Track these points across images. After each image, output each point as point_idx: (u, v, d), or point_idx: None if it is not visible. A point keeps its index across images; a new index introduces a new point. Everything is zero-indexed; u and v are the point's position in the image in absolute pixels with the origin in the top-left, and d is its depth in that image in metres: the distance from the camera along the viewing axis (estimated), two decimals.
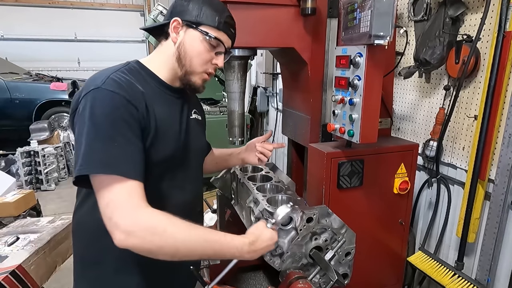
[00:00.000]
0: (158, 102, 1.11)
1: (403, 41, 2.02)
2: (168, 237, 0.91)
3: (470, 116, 1.80)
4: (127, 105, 0.98)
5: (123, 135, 0.95)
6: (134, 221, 0.90)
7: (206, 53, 1.12)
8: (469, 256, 1.86)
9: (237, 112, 1.64)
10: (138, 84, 1.06)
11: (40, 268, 2.29)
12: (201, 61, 1.13)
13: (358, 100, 1.44)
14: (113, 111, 0.96)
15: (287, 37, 1.58)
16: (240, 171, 1.78)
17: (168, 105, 1.16)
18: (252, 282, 1.87)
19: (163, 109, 1.12)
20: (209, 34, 1.10)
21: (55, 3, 8.28)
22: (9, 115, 6.02)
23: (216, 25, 1.11)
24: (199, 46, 1.11)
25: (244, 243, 1.07)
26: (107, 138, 0.93)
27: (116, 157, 0.93)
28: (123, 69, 1.09)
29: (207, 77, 1.18)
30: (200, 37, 1.11)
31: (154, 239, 0.90)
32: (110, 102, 0.96)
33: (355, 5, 1.39)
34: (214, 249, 1.00)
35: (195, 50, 1.11)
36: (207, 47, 1.12)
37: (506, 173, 1.58)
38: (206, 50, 1.12)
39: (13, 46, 8.02)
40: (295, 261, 1.32)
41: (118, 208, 0.90)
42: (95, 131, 0.94)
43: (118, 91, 0.98)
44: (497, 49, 1.54)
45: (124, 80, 1.03)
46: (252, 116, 5.01)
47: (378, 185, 1.75)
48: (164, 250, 0.92)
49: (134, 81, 1.06)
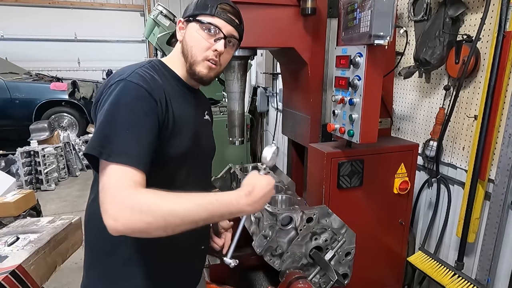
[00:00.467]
0: (177, 99, 1.15)
1: (403, 41, 2.02)
2: (154, 211, 0.91)
3: (470, 116, 1.80)
4: (148, 98, 1.02)
5: (137, 124, 0.98)
6: (120, 203, 0.90)
7: (204, 41, 1.15)
8: (469, 256, 1.86)
9: (237, 112, 1.64)
10: (160, 80, 1.11)
11: (40, 268, 2.29)
12: (200, 48, 1.15)
13: (358, 100, 1.44)
14: (133, 101, 1.00)
15: (287, 37, 1.58)
16: (240, 171, 1.78)
17: (185, 103, 1.20)
18: (252, 282, 1.87)
19: (181, 106, 1.16)
20: (201, 20, 1.14)
21: (55, 3, 8.28)
22: (9, 115, 6.03)
23: (209, 11, 1.15)
24: (196, 35, 1.15)
25: (240, 196, 1.03)
26: (121, 125, 0.97)
27: (122, 143, 0.95)
28: (147, 66, 1.15)
29: (211, 64, 1.18)
30: (196, 27, 1.15)
31: (142, 217, 0.90)
32: (132, 93, 1.01)
33: (355, 5, 1.39)
34: (208, 210, 0.97)
35: (193, 39, 1.16)
36: (204, 35, 1.15)
37: (506, 173, 1.58)
38: (204, 38, 1.15)
39: (13, 46, 8.03)
40: (295, 261, 1.32)
41: (109, 192, 0.92)
42: (111, 117, 0.97)
43: (142, 84, 1.03)
44: (497, 49, 1.54)
45: (148, 75, 1.08)
46: (252, 116, 5.01)
47: (378, 185, 1.75)
48: (154, 225, 0.91)
49: (156, 76, 1.11)
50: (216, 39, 1.16)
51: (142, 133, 0.99)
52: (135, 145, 0.97)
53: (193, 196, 0.97)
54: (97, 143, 0.95)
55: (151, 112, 1.02)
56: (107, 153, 0.93)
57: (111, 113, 0.98)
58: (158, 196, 0.93)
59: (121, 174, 0.93)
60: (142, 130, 0.99)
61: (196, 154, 1.22)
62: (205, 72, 1.18)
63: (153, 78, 1.09)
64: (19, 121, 6.00)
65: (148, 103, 1.02)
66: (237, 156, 4.28)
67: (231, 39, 1.20)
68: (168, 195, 0.94)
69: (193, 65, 1.17)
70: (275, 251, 1.29)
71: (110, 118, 0.97)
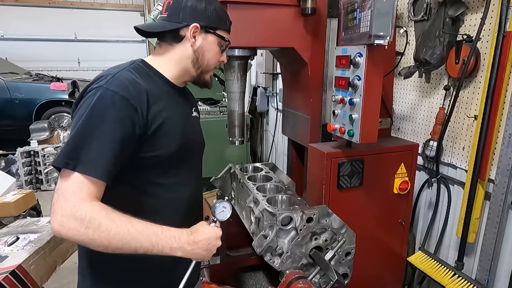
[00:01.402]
0: (164, 99, 1.15)
1: (403, 41, 2.02)
2: (101, 232, 0.93)
3: (470, 116, 1.80)
4: (124, 105, 1.01)
5: (108, 134, 0.99)
6: (72, 212, 0.93)
7: (217, 54, 1.23)
8: (469, 256, 1.86)
9: (237, 112, 1.64)
10: (142, 82, 1.10)
11: (40, 268, 2.29)
12: (216, 60, 1.24)
13: (358, 100, 1.44)
14: (107, 110, 1.00)
15: (287, 37, 1.58)
16: (240, 171, 1.78)
17: (173, 102, 1.21)
18: (252, 282, 1.87)
19: (169, 106, 1.16)
20: (226, 38, 1.22)
21: (55, 3, 8.27)
22: (9, 115, 6.02)
23: (227, 27, 1.23)
24: (216, 49, 1.22)
25: (183, 233, 1.05)
26: (89, 134, 0.98)
27: (88, 154, 0.96)
28: (129, 68, 1.14)
29: (212, 72, 1.28)
30: (216, 40, 1.21)
31: (87, 232, 0.93)
32: (107, 102, 1.00)
33: (355, 5, 1.39)
34: (151, 241, 0.99)
35: (211, 52, 1.22)
36: (218, 49, 1.23)
37: (506, 173, 1.58)
38: (220, 51, 1.23)
39: (13, 46, 8.02)
40: (295, 261, 1.32)
41: (63, 197, 0.94)
42: (82, 128, 0.98)
43: (118, 91, 1.02)
44: (497, 49, 1.54)
45: (129, 79, 1.08)
46: (252, 116, 5.00)
47: (378, 185, 1.75)
48: (96, 243, 0.94)
49: (139, 79, 1.10)
50: (222, 51, 1.25)
51: (110, 143, 0.99)
52: (101, 156, 0.97)
53: (141, 224, 0.99)
54: (65, 154, 0.97)
55: (125, 120, 1.01)
56: (73, 164, 0.95)
57: (83, 124, 0.99)
58: (110, 217, 0.96)
59: (80, 184, 0.95)
60: (112, 141, 0.99)
61: (187, 152, 1.24)
62: (209, 79, 1.27)
63: (134, 82, 1.08)
64: (19, 121, 5.99)
65: (124, 111, 1.01)
66: (237, 156, 4.28)
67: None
68: (118, 218, 0.97)
69: (205, 73, 1.24)
70: (275, 251, 1.29)
71: (81, 129, 0.98)
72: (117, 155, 1.00)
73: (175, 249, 1.03)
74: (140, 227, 0.98)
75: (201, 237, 1.07)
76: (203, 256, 1.09)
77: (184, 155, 1.22)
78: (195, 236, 1.06)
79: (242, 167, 1.85)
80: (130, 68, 1.14)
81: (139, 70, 1.15)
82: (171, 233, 1.03)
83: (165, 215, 1.19)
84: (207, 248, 1.08)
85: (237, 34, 1.43)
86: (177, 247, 1.03)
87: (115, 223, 0.95)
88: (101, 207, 0.96)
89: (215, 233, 1.12)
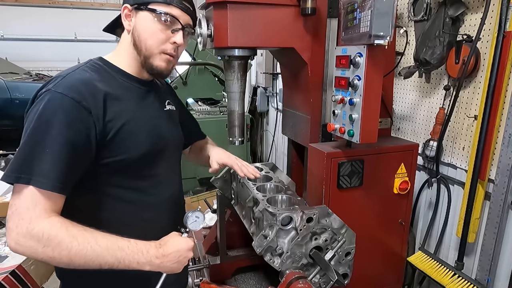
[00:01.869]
0: (126, 98, 1.08)
1: (403, 41, 2.02)
2: (61, 250, 0.88)
3: (470, 116, 1.80)
4: (75, 108, 0.94)
5: (58, 141, 0.91)
6: (28, 231, 0.87)
7: (160, 33, 1.06)
8: (469, 256, 1.86)
9: (237, 112, 1.64)
10: (99, 82, 1.03)
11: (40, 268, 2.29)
12: (156, 41, 1.07)
13: (358, 100, 1.44)
14: (55, 116, 0.92)
15: (287, 37, 1.58)
16: None
17: (138, 100, 1.13)
18: (252, 282, 1.87)
19: (132, 105, 1.09)
20: (157, 10, 1.04)
21: (55, 3, 8.27)
22: (9, 115, 6.01)
23: (164, 0, 1.05)
24: (151, 27, 1.06)
25: (151, 246, 0.99)
26: (38, 144, 0.90)
27: (38, 164, 0.89)
28: (84, 67, 1.06)
29: (169, 57, 1.11)
30: (150, 17, 1.05)
31: (46, 251, 0.88)
32: (56, 106, 0.93)
33: (355, 5, 1.39)
34: (116, 257, 0.92)
35: (147, 31, 1.06)
36: (159, 26, 1.05)
37: (506, 173, 1.58)
38: (160, 29, 1.06)
39: (13, 46, 8.01)
40: (295, 261, 1.32)
41: (17, 214, 0.88)
42: (30, 136, 0.92)
43: (67, 93, 0.95)
44: (497, 49, 1.54)
45: (82, 79, 1.00)
46: (252, 116, 5.01)
47: (378, 185, 1.75)
48: (56, 261, 0.89)
49: (95, 79, 1.03)
50: (174, 30, 1.07)
51: (62, 152, 0.91)
52: (53, 167, 0.90)
53: (106, 239, 0.93)
54: (15, 168, 0.90)
55: (77, 124, 0.94)
56: (25, 178, 0.88)
57: (31, 133, 0.92)
58: (71, 234, 0.89)
59: (34, 199, 0.88)
60: (63, 148, 0.91)
61: (161, 150, 1.17)
62: (164, 65, 1.11)
63: (88, 82, 1.00)
64: (19, 121, 5.85)
65: (74, 114, 0.94)
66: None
67: (188, 29, 1.11)
68: (81, 234, 0.90)
69: (148, 58, 1.08)
70: (275, 251, 1.29)
71: (29, 138, 0.91)
72: (70, 163, 0.93)
73: (143, 263, 0.97)
74: (105, 242, 0.92)
75: (170, 250, 1.01)
76: (173, 269, 1.02)
77: (157, 155, 1.15)
78: (164, 249, 1.00)
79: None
80: (85, 67, 1.06)
81: (96, 68, 1.08)
82: (138, 247, 0.96)
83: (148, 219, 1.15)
84: (178, 261, 1.02)
85: (237, 34, 1.43)
86: (144, 261, 0.97)
87: (77, 240, 0.89)
88: (60, 223, 0.89)
89: (186, 244, 1.05)
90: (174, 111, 1.33)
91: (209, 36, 1.47)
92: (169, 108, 1.29)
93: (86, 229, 0.93)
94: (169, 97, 1.34)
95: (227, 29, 1.41)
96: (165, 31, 1.06)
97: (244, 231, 1.60)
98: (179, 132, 1.36)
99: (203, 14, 1.53)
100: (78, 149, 0.95)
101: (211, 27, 1.45)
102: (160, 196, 1.19)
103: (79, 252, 0.89)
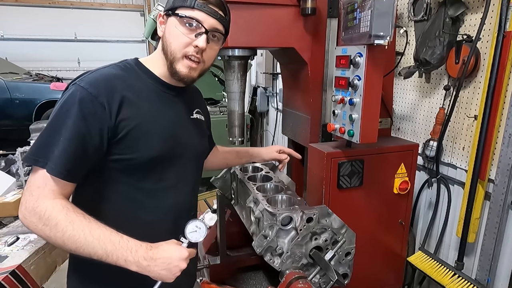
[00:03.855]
0: (149, 99, 1.10)
1: (403, 41, 2.02)
2: (57, 231, 0.93)
3: (470, 116, 1.80)
4: (91, 102, 0.99)
5: (71, 131, 0.97)
6: (34, 207, 0.94)
7: (183, 36, 1.07)
8: (469, 256, 1.86)
9: (237, 112, 1.64)
10: (123, 81, 1.06)
11: (40, 268, 2.29)
12: (180, 44, 1.07)
13: (358, 100, 1.44)
14: (73, 107, 0.98)
15: (287, 37, 1.58)
16: (240, 171, 1.78)
17: (161, 103, 1.14)
18: (252, 282, 1.87)
19: (154, 106, 1.11)
20: (180, 14, 1.06)
21: (55, 3, 8.27)
22: (9, 115, 6.02)
23: (188, 4, 1.06)
24: (175, 30, 1.07)
25: (141, 246, 0.97)
26: (55, 131, 0.98)
27: (52, 150, 0.96)
28: (115, 65, 1.11)
29: (191, 63, 1.10)
30: (176, 21, 1.07)
31: (44, 229, 0.94)
32: (76, 98, 0.99)
33: (355, 5, 1.39)
34: (105, 250, 0.94)
35: (172, 35, 1.08)
36: (183, 30, 1.07)
37: (506, 173, 1.58)
38: (183, 33, 1.07)
39: (13, 46, 8.01)
40: (295, 261, 1.32)
41: (29, 190, 0.96)
42: (51, 123, 0.99)
43: (88, 87, 1.00)
44: (497, 49, 1.54)
45: (106, 75, 1.05)
46: (252, 116, 5.01)
47: (378, 185, 1.75)
48: (52, 240, 0.95)
49: (120, 77, 1.07)
50: (197, 34, 1.07)
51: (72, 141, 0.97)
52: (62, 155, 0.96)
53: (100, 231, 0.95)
54: (34, 151, 0.98)
55: (90, 118, 0.99)
56: (41, 162, 0.96)
57: (51, 121, 0.99)
58: (69, 218, 0.94)
59: (44, 180, 0.96)
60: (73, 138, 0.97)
61: (175, 156, 1.16)
62: (185, 71, 1.10)
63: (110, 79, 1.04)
64: (19, 121, 5.98)
65: (90, 107, 0.99)
66: None
67: (215, 33, 1.10)
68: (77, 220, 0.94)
69: (173, 63, 1.10)
70: (275, 251, 1.29)
71: (49, 125, 1.00)
72: (79, 153, 0.98)
73: (130, 262, 0.95)
74: (98, 233, 0.94)
75: (160, 254, 0.98)
76: (162, 276, 0.98)
77: (169, 160, 1.15)
78: (154, 252, 0.97)
79: (242, 167, 1.85)
80: (116, 65, 1.11)
81: (127, 68, 1.12)
82: (129, 245, 0.96)
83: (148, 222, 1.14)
84: (167, 268, 0.98)
85: (237, 34, 1.43)
86: (132, 260, 0.95)
87: (72, 225, 0.93)
88: (62, 206, 0.95)
89: (180, 253, 1.01)
90: (201, 121, 1.33)
91: None
92: (197, 117, 1.29)
93: (85, 217, 0.97)
94: (200, 107, 1.35)
95: None
96: (189, 35, 1.07)
97: (244, 231, 1.60)
98: (204, 143, 1.34)
99: None
100: (89, 142, 0.99)
101: None
102: (165, 201, 1.17)
103: (72, 237, 0.93)
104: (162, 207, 1.17)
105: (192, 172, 1.28)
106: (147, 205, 1.14)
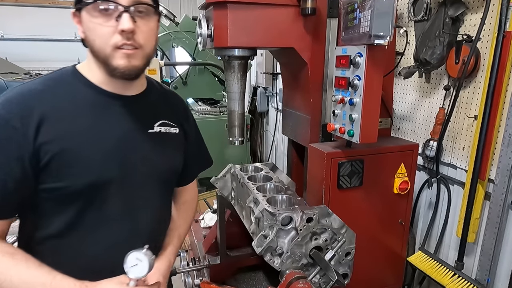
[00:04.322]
0: (83, 114, 0.95)
1: (403, 41, 2.02)
2: None
3: (470, 116, 1.80)
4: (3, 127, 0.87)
5: None
6: None
7: (103, 27, 0.89)
8: (469, 256, 1.86)
9: (237, 112, 1.64)
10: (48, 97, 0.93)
11: None
12: (103, 37, 0.90)
13: (358, 100, 1.44)
14: None
15: (287, 37, 1.58)
16: (240, 171, 1.78)
17: (100, 117, 0.98)
18: (252, 282, 1.87)
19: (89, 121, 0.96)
20: (88, 1, 0.88)
21: (55, 3, 8.27)
22: None
23: None
24: (93, 24, 0.90)
25: (75, 285, 0.88)
26: None
27: None
28: (43, 78, 0.99)
29: (126, 51, 0.92)
30: (89, 14, 0.89)
31: None
32: None
33: (355, 5, 1.39)
34: None
35: (92, 31, 0.91)
36: (101, 20, 0.89)
37: (506, 173, 1.58)
38: (101, 24, 0.89)
39: (13, 46, 8.02)
40: (295, 261, 1.32)
41: None
42: None
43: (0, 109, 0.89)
44: (497, 49, 1.54)
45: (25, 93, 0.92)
46: (252, 116, 5.01)
47: (378, 185, 1.75)
48: None
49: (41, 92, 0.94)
50: (117, 17, 0.88)
51: None
52: None
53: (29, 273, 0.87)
54: None
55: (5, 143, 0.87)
56: None
57: None
58: None
59: None
60: None
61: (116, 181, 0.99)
62: (123, 63, 0.92)
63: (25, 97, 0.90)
64: None
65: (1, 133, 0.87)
66: (237, 156, 4.28)
67: (139, 7, 0.91)
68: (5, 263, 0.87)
69: (107, 60, 0.92)
70: (275, 251, 1.29)
71: None
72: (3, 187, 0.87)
73: None
74: (27, 276, 0.86)
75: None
76: None
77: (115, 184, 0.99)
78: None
79: (242, 167, 1.85)
80: (44, 78, 0.98)
81: (58, 79, 0.98)
82: (61, 285, 0.87)
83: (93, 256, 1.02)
84: None
85: (237, 34, 1.43)
86: None
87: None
88: None
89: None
90: (170, 134, 1.13)
91: (209, 36, 1.46)
92: (160, 130, 1.10)
93: (14, 258, 0.88)
94: (167, 117, 1.13)
95: (227, 29, 1.41)
96: (108, 22, 0.89)
97: (244, 231, 1.60)
98: (172, 160, 1.15)
99: (203, 14, 1.53)
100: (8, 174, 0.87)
101: (211, 27, 1.45)
102: (111, 233, 1.02)
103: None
104: (108, 239, 1.02)
105: (155, 196, 1.11)
106: (91, 237, 1.01)
